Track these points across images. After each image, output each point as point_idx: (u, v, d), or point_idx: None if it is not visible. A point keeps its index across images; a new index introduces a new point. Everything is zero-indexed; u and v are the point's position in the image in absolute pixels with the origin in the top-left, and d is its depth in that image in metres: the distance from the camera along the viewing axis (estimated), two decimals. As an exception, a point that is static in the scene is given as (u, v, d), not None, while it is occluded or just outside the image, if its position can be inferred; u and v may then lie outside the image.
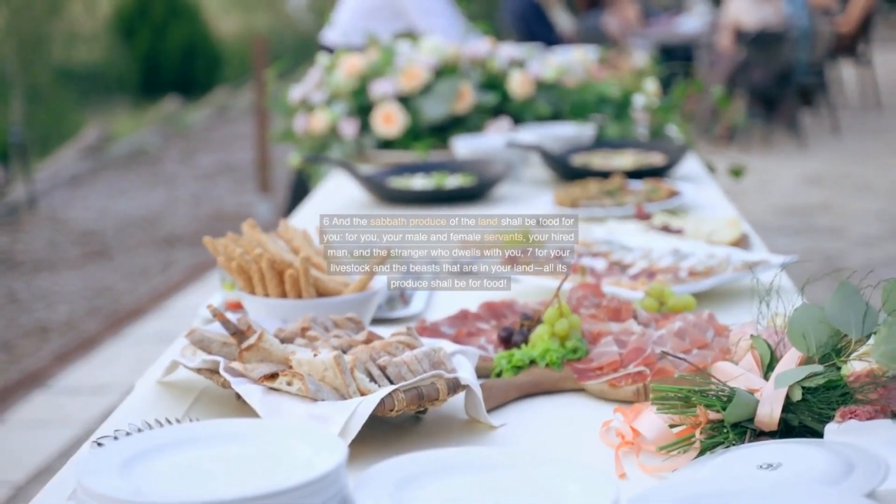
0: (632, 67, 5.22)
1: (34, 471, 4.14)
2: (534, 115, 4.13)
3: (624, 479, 1.50)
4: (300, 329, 1.83)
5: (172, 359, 1.85)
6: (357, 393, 1.62)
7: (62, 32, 12.51)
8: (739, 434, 1.51)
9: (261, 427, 1.39)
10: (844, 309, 1.53)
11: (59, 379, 5.10)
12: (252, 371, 1.66)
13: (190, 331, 1.76)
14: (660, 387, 1.57)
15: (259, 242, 2.02)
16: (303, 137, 4.14)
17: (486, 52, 4.24)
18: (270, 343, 1.68)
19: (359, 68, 4.13)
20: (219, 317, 1.74)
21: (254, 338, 1.68)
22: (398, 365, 1.67)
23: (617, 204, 3.04)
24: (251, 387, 1.64)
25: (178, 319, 5.58)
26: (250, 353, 1.68)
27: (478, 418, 1.69)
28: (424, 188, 3.33)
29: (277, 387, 1.63)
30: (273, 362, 1.68)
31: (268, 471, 1.28)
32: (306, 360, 1.64)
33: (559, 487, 1.26)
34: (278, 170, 8.20)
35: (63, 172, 9.53)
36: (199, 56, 13.45)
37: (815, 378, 1.50)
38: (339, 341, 1.78)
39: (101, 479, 1.24)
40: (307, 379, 1.61)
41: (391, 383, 1.65)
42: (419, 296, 2.31)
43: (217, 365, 1.72)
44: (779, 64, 9.78)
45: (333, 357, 1.62)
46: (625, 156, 3.62)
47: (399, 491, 1.25)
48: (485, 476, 1.29)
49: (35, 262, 7.04)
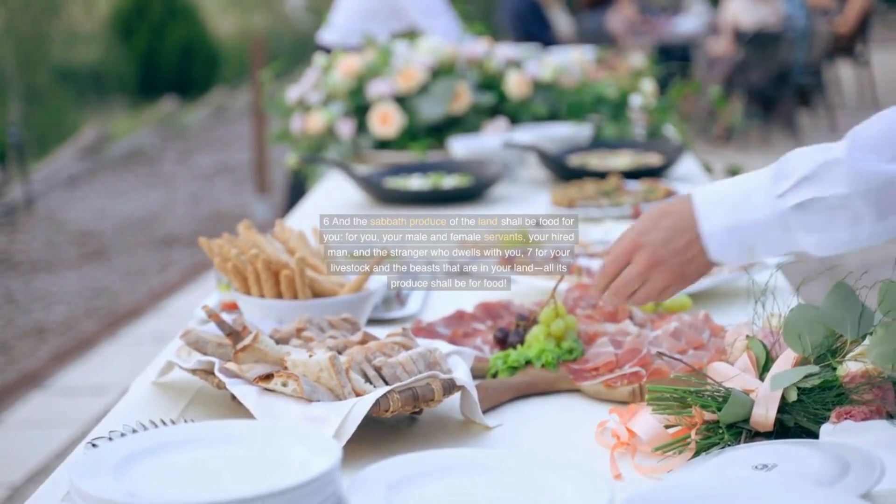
0: (629, 68, 5.22)
1: (31, 471, 4.13)
2: (531, 116, 4.13)
3: (619, 480, 1.50)
4: (295, 330, 1.82)
5: (167, 360, 1.85)
6: (352, 394, 1.62)
7: (60, 33, 12.51)
8: (735, 435, 1.51)
9: (255, 428, 1.39)
10: (840, 309, 1.53)
11: (57, 379, 5.10)
12: (247, 372, 1.66)
13: (185, 331, 1.76)
14: (655, 387, 1.57)
15: (255, 243, 2.01)
16: (300, 138, 4.14)
17: (482, 53, 4.24)
18: (266, 344, 1.68)
19: (356, 69, 4.13)
20: (214, 318, 1.74)
21: (249, 339, 1.67)
22: (393, 366, 1.66)
23: (614, 204, 3.04)
24: (246, 388, 1.64)
25: (176, 320, 5.57)
26: (245, 353, 1.67)
27: (473, 419, 1.69)
28: (421, 188, 3.33)
29: (273, 388, 1.63)
30: (268, 363, 1.67)
31: (262, 472, 1.28)
32: (301, 360, 1.64)
33: (554, 488, 1.26)
34: (276, 170, 8.20)
35: (61, 173, 9.52)
36: (196, 56, 13.44)
37: (811, 379, 1.50)
38: (334, 342, 1.77)
39: (95, 480, 1.24)
40: (302, 380, 1.60)
41: (386, 384, 1.65)
42: (415, 296, 2.31)
43: (212, 366, 1.72)
44: (776, 64, 9.78)
45: (328, 358, 1.61)
46: (622, 156, 3.62)
47: (394, 492, 1.25)
48: (480, 477, 1.29)
49: (32, 263, 7.03)
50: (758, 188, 1.46)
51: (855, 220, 1.43)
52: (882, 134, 1.43)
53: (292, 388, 1.61)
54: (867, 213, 1.42)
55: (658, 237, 1.49)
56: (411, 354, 1.68)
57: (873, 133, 1.44)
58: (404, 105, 4.04)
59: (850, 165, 1.41)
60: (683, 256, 1.49)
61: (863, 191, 1.41)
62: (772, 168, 1.48)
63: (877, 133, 1.44)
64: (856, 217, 1.43)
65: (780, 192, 1.45)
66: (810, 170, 1.43)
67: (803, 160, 1.45)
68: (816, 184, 1.43)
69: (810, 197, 1.43)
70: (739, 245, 1.47)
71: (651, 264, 1.50)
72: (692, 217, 1.48)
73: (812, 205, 1.43)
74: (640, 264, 1.51)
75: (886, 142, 1.42)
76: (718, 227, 1.47)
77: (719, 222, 1.47)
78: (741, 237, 1.47)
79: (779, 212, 1.45)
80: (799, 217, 1.44)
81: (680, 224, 1.48)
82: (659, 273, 1.51)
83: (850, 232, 1.43)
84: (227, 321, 1.75)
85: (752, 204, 1.46)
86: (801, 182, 1.44)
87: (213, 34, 14.21)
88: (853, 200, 1.42)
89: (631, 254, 1.52)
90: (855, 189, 1.41)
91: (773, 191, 1.45)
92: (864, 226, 1.43)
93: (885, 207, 1.42)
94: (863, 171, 1.41)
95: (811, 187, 1.43)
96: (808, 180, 1.43)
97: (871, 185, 1.41)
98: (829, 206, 1.42)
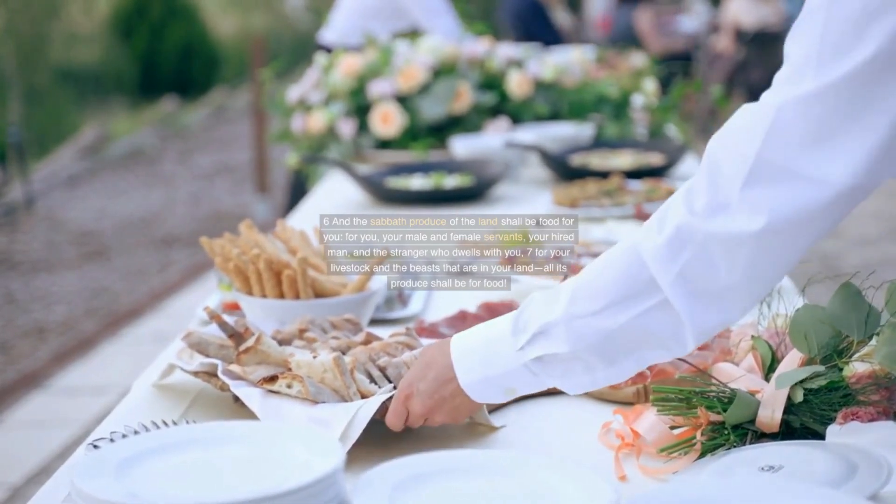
0: (630, 67, 5.22)
1: (31, 472, 4.13)
2: (532, 115, 4.12)
3: (624, 482, 1.49)
4: (298, 331, 1.81)
5: (169, 362, 1.84)
6: (357, 394, 1.61)
7: (60, 33, 12.51)
8: (740, 436, 1.50)
9: (258, 429, 1.38)
10: (846, 309, 1.52)
11: (57, 379, 5.09)
12: (251, 374, 1.65)
13: (186, 333, 1.75)
14: (660, 388, 1.56)
15: (256, 243, 2.00)
16: (300, 137, 4.13)
17: (484, 52, 4.23)
18: (269, 345, 1.67)
19: (357, 68, 4.12)
20: (216, 319, 1.73)
21: (252, 340, 1.66)
22: (398, 366, 1.66)
23: (616, 204, 3.03)
24: (250, 390, 1.63)
25: (176, 320, 5.56)
26: (248, 355, 1.66)
27: (479, 420, 1.68)
28: (423, 188, 3.32)
29: (277, 389, 1.62)
30: (271, 364, 1.67)
31: (265, 473, 1.27)
32: (305, 361, 1.63)
33: (559, 490, 1.25)
34: (276, 170, 8.19)
35: (61, 173, 9.51)
36: (196, 56, 13.44)
37: (817, 379, 1.49)
38: (337, 343, 1.76)
39: (96, 481, 1.23)
40: (307, 381, 1.59)
41: (391, 384, 1.64)
42: (417, 296, 2.30)
43: (215, 368, 1.71)
44: (777, 64, 9.75)
45: (333, 359, 1.61)
46: (623, 156, 3.61)
47: (397, 493, 1.24)
48: (484, 478, 1.28)
49: (33, 263, 7.02)
50: (501, 340, 1.52)
51: (588, 369, 1.48)
52: (591, 284, 1.46)
53: (297, 389, 1.60)
54: (596, 362, 1.47)
55: (425, 388, 1.57)
56: (415, 354, 1.67)
57: (585, 284, 1.47)
58: (405, 105, 4.04)
59: (567, 325, 1.46)
60: (452, 403, 1.56)
61: (584, 347, 1.46)
62: (512, 318, 1.52)
63: (587, 283, 1.47)
64: (588, 367, 1.48)
65: (519, 345, 1.50)
66: (539, 327, 1.48)
67: (535, 314, 1.50)
68: (545, 341, 1.48)
69: (543, 353, 1.48)
70: (498, 389, 1.54)
71: (426, 410, 1.57)
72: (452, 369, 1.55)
73: (548, 358, 1.49)
74: (416, 413, 1.58)
75: (596, 293, 1.45)
76: (474, 378, 1.54)
77: (474, 375, 1.53)
78: (497, 383, 1.53)
79: (522, 363, 1.50)
80: (541, 366, 1.49)
81: (442, 375, 1.56)
82: (436, 414, 1.58)
83: (588, 377, 1.49)
84: (229, 322, 1.74)
85: (498, 354, 1.52)
86: (535, 338, 1.49)
87: (213, 34, 14.21)
88: (580, 354, 1.47)
89: (407, 401, 1.59)
90: (577, 346, 1.46)
91: (514, 344, 1.50)
92: (598, 372, 1.49)
93: (611, 356, 1.47)
94: (579, 330, 1.46)
95: (543, 343, 1.48)
96: (540, 336, 1.48)
97: (591, 342, 1.46)
98: (562, 359, 1.48)
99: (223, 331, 1.73)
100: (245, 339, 1.70)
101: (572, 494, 1.24)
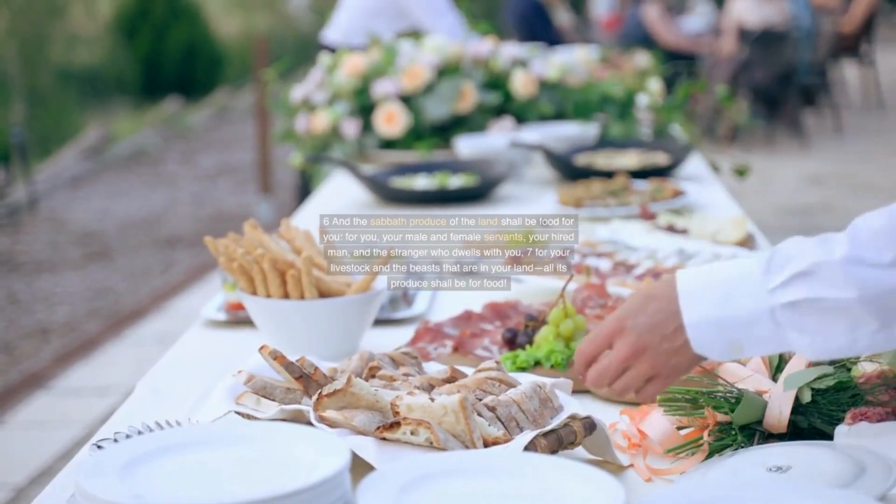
0: (634, 67, 5.21)
1: (34, 472, 4.12)
2: (537, 115, 4.11)
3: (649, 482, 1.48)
4: (367, 369, 1.66)
5: (229, 409, 1.59)
6: (480, 440, 1.44)
7: (63, 34, 12.51)
8: (748, 436, 1.50)
9: (263, 430, 1.37)
10: (854, 309, 1.51)
11: (60, 380, 5.08)
12: (353, 420, 1.46)
13: (248, 377, 1.60)
14: (667, 388, 1.55)
15: (261, 243, 2.00)
16: (304, 137, 4.12)
17: (488, 52, 4.22)
18: (360, 387, 1.49)
19: (360, 68, 4.11)
20: (280, 361, 1.57)
21: (341, 382, 1.49)
22: (507, 405, 1.50)
23: (621, 204, 3.03)
24: (360, 440, 1.44)
25: (179, 320, 5.55)
26: (333, 398, 1.48)
27: (604, 458, 1.54)
28: (427, 188, 3.32)
29: (399, 437, 1.43)
30: (362, 408, 1.49)
31: (270, 474, 1.27)
32: (419, 404, 1.44)
33: (565, 490, 1.24)
34: (279, 170, 8.18)
35: (64, 173, 9.51)
36: (199, 57, 13.44)
37: (825, 379, 1.48)
38: (419, 379, 1.60)
39: (100, 482, 1.23)
40: (435, 427, 1.42)
41: (502, 425, 1.50)
42: (422, 296, 2.30)
43: (301, 415, 1.52)
44: (781, 64, 9.76)
45: (459, 400, 1.42)
46: (628, 155, 3.60)
47: (403, 494, 1.23)
48: (491, 479, 1.27)
49: (36, 264, 7.02)
50: (747, 278, 1.33)
51: (853, 327, 1.30)
52: (884, 233, 1.30)
53: (425, 436, 1.42)
54: (868, 320, 1.29)
55: (644, 322, 1.36)
56: (524, 391, 1.53)
57: (875, 230, 1.31)
58: (410, 104, 4.03)
59: (848, 269, 1.28)
60: (671, 344, 1.35)
61: (862, 297, 1.28)
62: (764, 257, 1.34)
63: (879, 230, 1.30)
64: (854, 324, 1.30)
65: (772, 285, 1.31)
66: (806, 265, 1.30)
67: (798, 253, 1.32)
68: (811, 282, 1.30)
69: (804, 297, 1.30)
70: (724, 339, 1.34)
71: (635, 350, 1.37)
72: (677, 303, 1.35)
73: (806, 305, 1.30)
74: (623, 350, 1.38)
75: (888, 242, 1.29)
76: (704, 317, 1.34)
77: (704, 313, 1.33)
78: (728, 330, 1.33)
79: (770, 306, 1.31)
80: (792, 315, 1.31)
81: (665, 308, 1.35)
82: (642, 361, 1.37)
83: (848, 338, 1.30)
84: (293, 363, 1.59)
85: (741, 293, 1.32)
86: (795, 278, 1.30)
87: (215, 34, 14.21)
88: (852, 306, 1.29)
89: (613, 337, 1.39)
90: (853, 294, 1.28)
91: (764, 283, 1.32)
92: (863, 333, 1.30)
93: (888, 316, 1.29)
94: (862, 278, 1.28)
95: (805, 285, 1.30)
96: (802, 277, 1.30)
97: (872, 293, 1.28)
98: (824, 308, 1.29)
99: (289, 372, 1.57)
100: (314, 381, 1.56)
101: (580, 495, 1.23)
